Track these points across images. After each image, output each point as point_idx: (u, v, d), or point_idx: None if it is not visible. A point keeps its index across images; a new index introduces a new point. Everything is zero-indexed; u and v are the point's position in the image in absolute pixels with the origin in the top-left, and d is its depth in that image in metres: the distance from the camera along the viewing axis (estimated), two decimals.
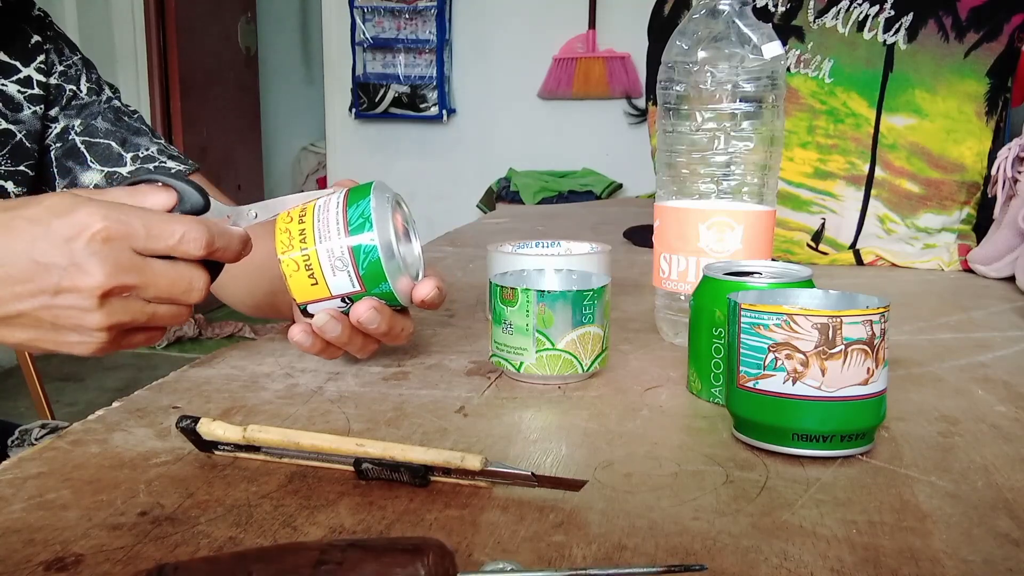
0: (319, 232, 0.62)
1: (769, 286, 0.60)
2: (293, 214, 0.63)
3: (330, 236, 0.61)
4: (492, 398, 0.63)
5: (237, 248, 0.60)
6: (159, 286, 0.57)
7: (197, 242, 0.57)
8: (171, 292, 0.57)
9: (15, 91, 0.87)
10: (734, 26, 0.74)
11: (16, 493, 0.46)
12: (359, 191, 0.63)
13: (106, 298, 0.55)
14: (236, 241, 0.60)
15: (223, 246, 0.59)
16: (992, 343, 0.80)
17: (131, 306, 0.56)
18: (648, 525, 0.43)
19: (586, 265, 0.76)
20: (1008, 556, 0.41)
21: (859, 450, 0.52)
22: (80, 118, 0.90)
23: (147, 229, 0.56)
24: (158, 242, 0.56)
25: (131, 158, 0.89)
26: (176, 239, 0.56)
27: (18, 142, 0.87)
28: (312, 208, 0.63)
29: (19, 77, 0.87)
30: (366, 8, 4.24)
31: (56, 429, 1.05)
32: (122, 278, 0.55)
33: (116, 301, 0.55)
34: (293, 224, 0.63)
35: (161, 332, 0.61)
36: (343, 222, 0.62)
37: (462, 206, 3.94)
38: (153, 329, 0.60)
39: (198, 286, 0.58)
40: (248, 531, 0.43)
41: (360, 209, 0.62)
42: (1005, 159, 1.08)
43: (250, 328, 3.82)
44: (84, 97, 0.91)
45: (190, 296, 0.58)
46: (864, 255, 1.18)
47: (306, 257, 0.62)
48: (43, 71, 0.89)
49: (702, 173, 0.76)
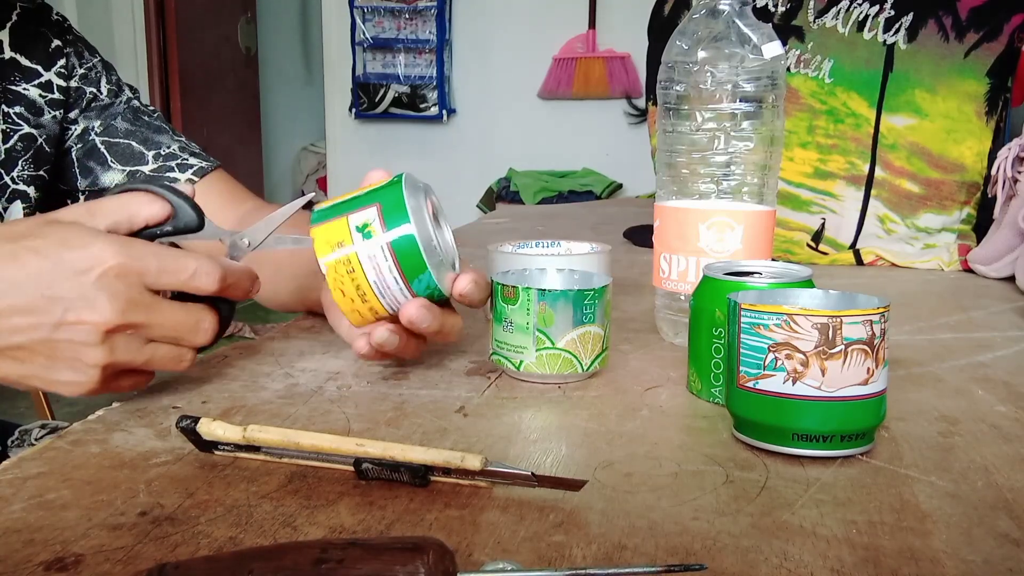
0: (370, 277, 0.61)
1: (769, 286, 0.60)
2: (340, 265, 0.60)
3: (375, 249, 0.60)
4: (492, 398, 0.63)
5: (247, 286, 0.60)
6: (165, 326, 0.56)
7: (210, 276, 0.57)
8: (177, 332, 0.57)
9: (36, 95, 0.87)
10: (734, 26, 0.74)
11: (16, 493, 0.46)
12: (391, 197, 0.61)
13: (110, 334, 0.54)
14: (246, 278, 0.60)
15: (234, 283, 0.58)
16: (992, 343, 0.80)
17: (132, 345, 0.55)
18: (648, 525, 0.43)
19: (586, 265, 0.76)
20: (1008, 556, 0.41)
21: (859, 450, 0.52)
22: (100, 119, 0.91)
23: (160, 265, 0.55)
24: (171, 277, 0.56)
25: (153, 156, 0.90)
26: (189, 274, 0.56)
27: (39, 146, 0.87)
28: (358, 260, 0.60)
29: (40, 81, 0.88)
30: (366, 8, 4.24)
31: (56, 429, 1.05)
32: (130, 316, 0.54)
33: (119, 338, 0.55)
34: (345, 277, 0.61)
35: (149, 377, 0.60)
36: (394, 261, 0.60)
37: (462, 206, 3.94)
38: (144, 373, 0.59)
39: (205, 327, 0.58)
40: (248, 531, 0.43)
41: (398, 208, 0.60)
42: (1005, 159, 1.08)
43: (250, 328, 3.82)
44: (104, 99, 0.92)
45: (196, 336, 0.58)
46: (864, 255, 1.18)
47: (362, 294, 0.61)
48: (63, 75, 0.89)
49: (702, 173, 0.76)
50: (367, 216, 0.60)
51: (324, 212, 0.62)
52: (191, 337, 0.58)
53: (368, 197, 0.62)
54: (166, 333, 0.56)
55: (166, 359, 0.58)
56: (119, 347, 0.55)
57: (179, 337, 0.57)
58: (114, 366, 0.55)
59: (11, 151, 0.86)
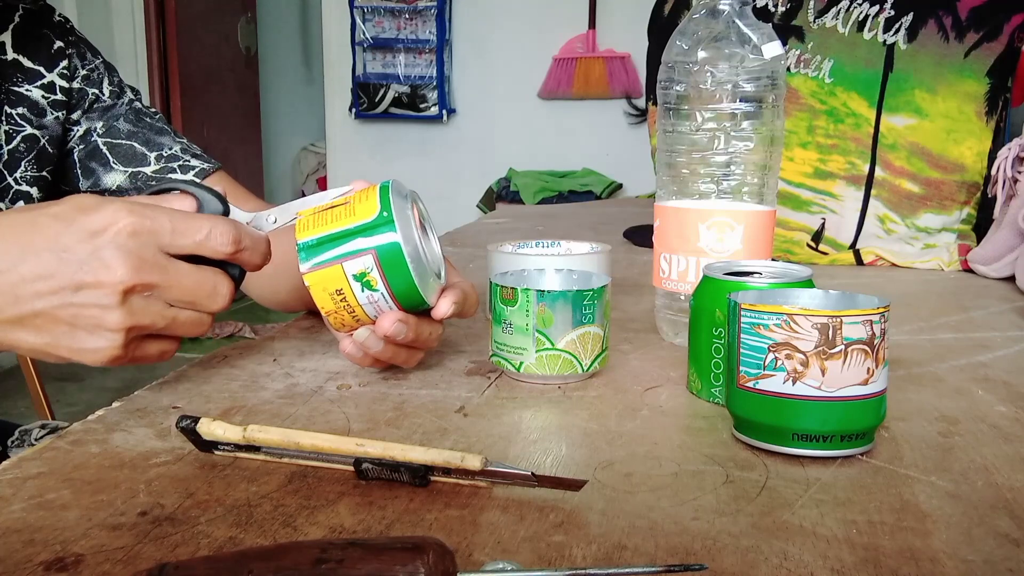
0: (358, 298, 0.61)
1: (769, 286, 0.60)
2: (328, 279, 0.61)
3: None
4: (492, 398, 0.63)
5: (263, 249, 0.59)
6: (183, 287, 0.55)
7: (224, 237, 0.56)
8: (195, 295, 0.56)
9: (39, 96, 0.87)
10: (734, 26, 0.74)
11: (16, 493, 0.46)
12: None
13: (128, 295, 0.53)
14: (261, 243, 0.59)
15: (249, 246, 0.57)
16: (992, 343, 0.80)
17: (152, 307, 0.55)
18: (648, 525, 0.43)
19: (586, 265, 0.77)
20: (1008, 556, 0.41)
21: (859, 450, 0.52)
22: (102, 120, 0.91)
23: (173, 225, 0.54)
24: (185, 238, 0.55)
25: (155, 157, 0.90)
26: (204, 235, 0.55)
27: (42, 147, 0.87)
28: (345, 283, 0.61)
29: (43, 83, 0.88)
30: (366, 8, 4.24)
31: (56, 429, 1.05)
32: (145, 275, 0.53)
33: (137, 300, 0.54)
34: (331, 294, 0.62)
35: (176, 344, 0.59)
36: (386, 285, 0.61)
37: (462, 206, 3.94)
38: (169, 338, 0.58)
39: (222, 291, 0.57)
40: (248, 531, 0.43)
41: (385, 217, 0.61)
42: (1005, 159, 1.08)
43: (250, 328, 3.82)
44: (106, 100, 0.92)
45: (214, 301, 0.57)
46: (864, 255, 1.18)
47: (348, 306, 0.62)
48: (66, 76, 0.89)
49: (702, 173, 0.76)
50: (363, 265, 0.60)
51: (312, 251, 0.61)
52: (207, 302, 0.57)
53: (360, 238, 0.60)
54: (183, 296, 0.55)
55: (188, 323, 0.57)
56: (138, 309, 0.54)
57: (195, 301, 0.56)
58: (136, 329, 0.55)
59: (14, 152, 0.86)
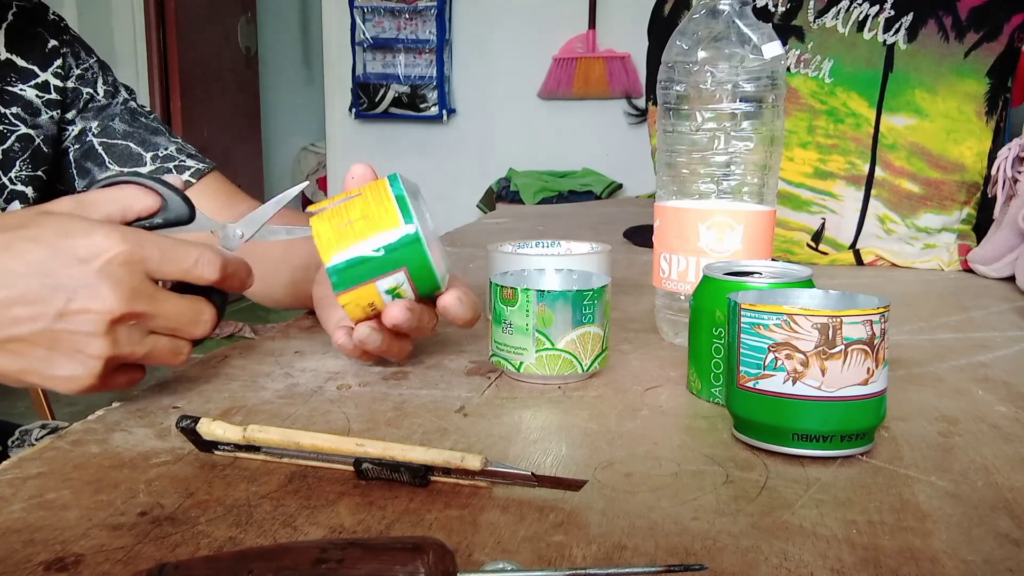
0: None
1: (769, 286, 0.60)
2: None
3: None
4: (492, 398, 0.63)
5: (244, 276, 0.60)
6: (168, 315, 0.55)
7: (212, 265, 0.56)
8: (178, 323, 0.56)
9: (33, 96, 0.87)
10: (734, 26, 0.74)
11: (16, 493, 0.46)
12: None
13: (115, 324, 0.53)
14: (243, 268, 0.60)
15: (233, 272, 0.58)
16: (992, 343, 0.80)
17: (134, 336, 0.55)
18: (648, 525, 0.43)
19: (586, 265, 0.77)
20: (1008, 556, 0.41)
21: (859, 450, 0.52)
22: (97, 120, 0.91)
23: (163, 253, 0.55)
24: (173, 265, 0.55)
25: (151, 157, 0.90)
26: (191, 263, 0.56)
27: (37, 147, 0.87)
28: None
29: (37, 82, 0.88)
30: (366, 8, 4.24)
31: (56, 429, 1.05)
32: (135, 305, 0.53)
33: (122, 329, 0.54)
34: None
35: (142, 374, 0.59)
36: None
37: (462, 206, 3.94)
38: (139, 369, 0.58)
39: (205, 318, 0.57)
40: (248, 531, 0.43)
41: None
42: (1005, 159, 1.08)
43: (250, 328, 3.82)
44: (101, 99, 0.92)
45: (196, 328, 0.57)
46: (864, 255, 1.18)
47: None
48: (60, 75, 0.89)
49: (702, 173, 0.76)
50: (396, 281, 0.62)
51: (345, 275, 0.61)
52: (191, 329, 0.57)
53: (390, 254, 0.61)
54: (168, 324, 0.56)
55: (165, 352, 0.57)
56: (122, 338, 0.54)
57: (179, 329, 0.57)
58: (116, 359, 0.55)
59: (8, 151, 0.86)
